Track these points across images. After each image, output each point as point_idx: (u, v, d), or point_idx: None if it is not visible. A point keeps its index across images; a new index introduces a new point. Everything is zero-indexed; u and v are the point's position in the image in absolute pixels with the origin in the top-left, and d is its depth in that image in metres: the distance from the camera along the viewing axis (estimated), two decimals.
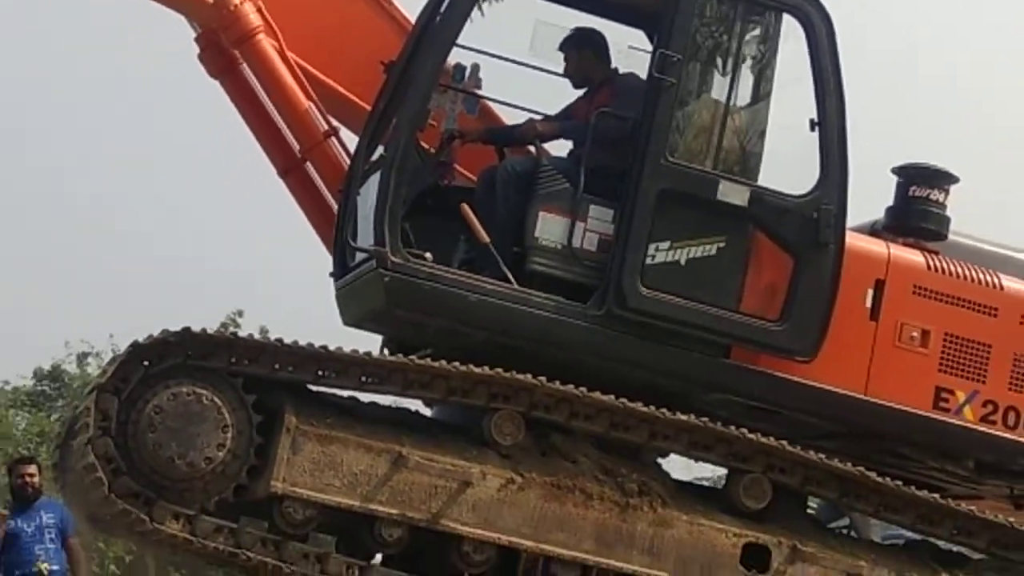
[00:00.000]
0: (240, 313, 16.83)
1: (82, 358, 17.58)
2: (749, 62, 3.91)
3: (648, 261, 3.69)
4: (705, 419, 3.65)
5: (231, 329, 4.41)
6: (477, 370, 3.60)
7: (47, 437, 4.62)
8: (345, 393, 3.83)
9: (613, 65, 4.22)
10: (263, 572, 3.84)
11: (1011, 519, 3.92)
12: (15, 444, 15.33)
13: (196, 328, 3.55)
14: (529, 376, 3.56)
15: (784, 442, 3.66)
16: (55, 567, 5.08)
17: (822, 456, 3.68)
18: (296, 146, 4.45)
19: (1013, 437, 3.87)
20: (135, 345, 3.53)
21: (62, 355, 18.10)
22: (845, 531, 4.38)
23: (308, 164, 4.50)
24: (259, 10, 4.17)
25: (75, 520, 4.77)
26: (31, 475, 5.35)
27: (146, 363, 3.54)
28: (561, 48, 4.12)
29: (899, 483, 3.77)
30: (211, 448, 3.45)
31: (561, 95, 4.09)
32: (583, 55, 4.15)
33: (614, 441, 3.70)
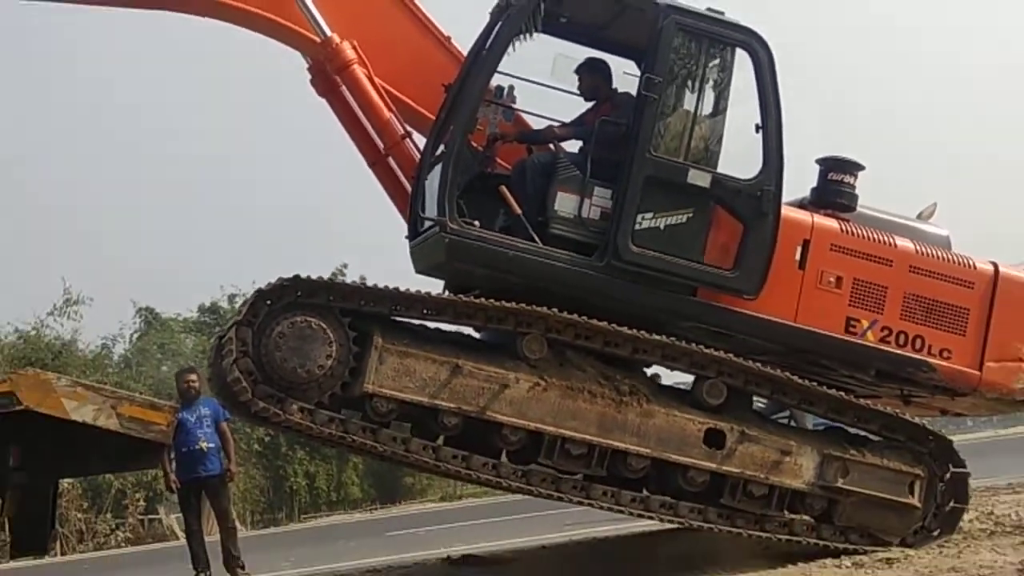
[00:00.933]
0: (345, 265, 20.32)
1: (232, 298, 22.50)
2: (711, 83, 4.92)
3: (636, 227, 4.72)
4: (674, 339, 4.71)
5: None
6: (507, 304, 4.63)
7: (207, 354, 5.79)
8: (416, 321, 4.85)
9: (613, 86, 5.20)
10: (363, 451, 5.08)
11: (898, 411, 5.07)
12: (184, 359, 19.85)
13: (303, 275, 4.61)
14: (544, 308, 4.57)
15: (732, 355, 4.72)
16: (211, 444, 6.42)
17: (759, 365, 4.75)
18: (381, 145, 5.41)
19: (902, 353, 4.93)
20: (259, 290, 4.63)
21: (218, 295, 23.84)
22: (786, 421, 5.40)
23: (390, 158, 5.45)
24: (354, 46, 5.18)
25: (224, 411, 6.16)
26: (193, 381, 6.71)
27: (268, 302, 4.60)
28: (576, 71, 5.15)
29: (815, 384, 4.82)
30: (322, 358, 4.47)
31: (573, 107, 5.13)
32: (592, 78, 5.18)
33: (609, 355, 4.74)
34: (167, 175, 49.76)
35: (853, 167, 5.06)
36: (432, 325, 4.88)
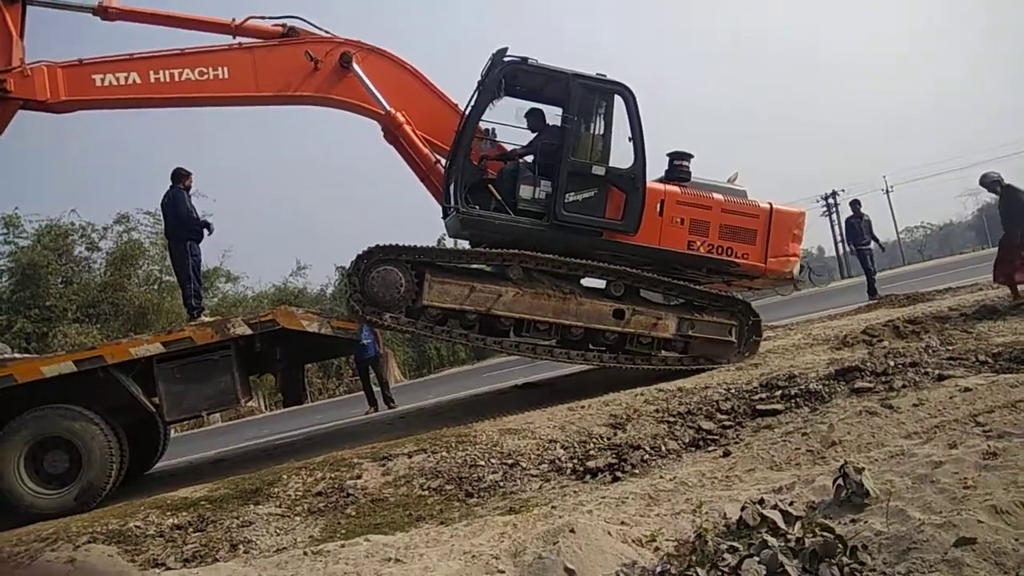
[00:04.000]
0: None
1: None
2: (602, 115, 7.76)
3: (566, 200, 7.57)
4: (592, 261, 7.68)
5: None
6: (498, 251, 7.52)
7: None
8: (448, 265, 7.73)
9: (548, 122, 8.02)
10: (429, 337, 8.12)
11: (721, 291, 8.14)
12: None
13: (381, 244, 7.56)
14: (519, 250, 7.47)
15: (625, 267, 7.65)
16: (368, 340, 10.95)
17: (637, 270, 7.70)
18: (424, 168, 8.20)
19: (720, 257, 7.89)
20: (359, 256, 7.47)
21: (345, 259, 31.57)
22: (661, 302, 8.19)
23: (431, 175, 8.25)
24: (403, 114, 7.95)
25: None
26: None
27: (365, 260, 7.46)
28: (525, 116, 8.07)
29: (669, 279, 7.80)
30: (398, 288, 7.37)
31: (526, 135, 8.21)
32: (534, 119, 8.05)
33: (557, 273, 7.57)
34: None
35: (687, 156, 8.15)
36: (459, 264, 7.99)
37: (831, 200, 45.77)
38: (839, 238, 40.64)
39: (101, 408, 6.81)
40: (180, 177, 8.30)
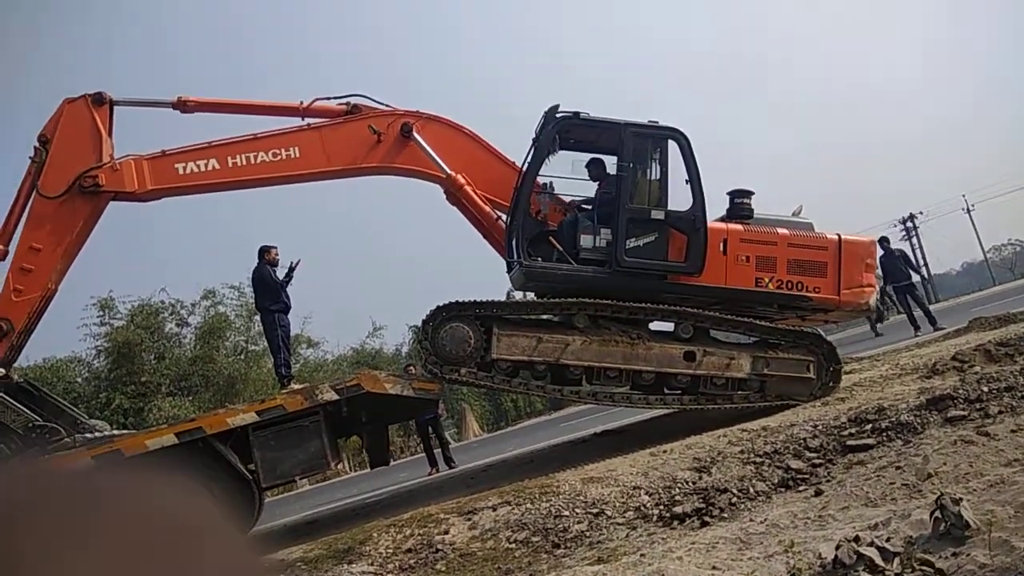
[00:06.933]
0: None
1: None
2: (657, 160, 7.92)
3: (627, 247, 7.69)
4: (661, 305, 7.77)
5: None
6: (560, 300, 7.62)
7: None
8: (515, 316, 7.90)
9: (608, 170, 8.27)
10: (502, 390, 8.26)
11: (795, 326, 8.06)
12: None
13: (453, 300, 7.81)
14: (583, 299, 7.58)
15: (692, 308, 7.67)
16: None
17: (706, 311, 7.71)
18: (486, 225, 8.50)
19: (791, 292, 7.81)
20: (424, 320, 7.71)
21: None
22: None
23: (492, 231, 8.53)
24: (463, 175, 8.28)
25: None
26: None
27: (431, 322, 7.63)
28: (586, 166, 8.31)
29: (740, 318, 7.75)
30: (468, 343, 7.55)
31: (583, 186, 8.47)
32: (597, 168, 8.32)
33: (623, 319, 7.66)
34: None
35: (747, 193, 8.16)
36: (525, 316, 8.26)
37: (910, 224, 43.68)
38: (922, 261, 38.74)
39: (201, 477, 7.18)
40: (265, 253, 8.84)
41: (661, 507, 5.57)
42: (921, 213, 42.74)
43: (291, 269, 8.84)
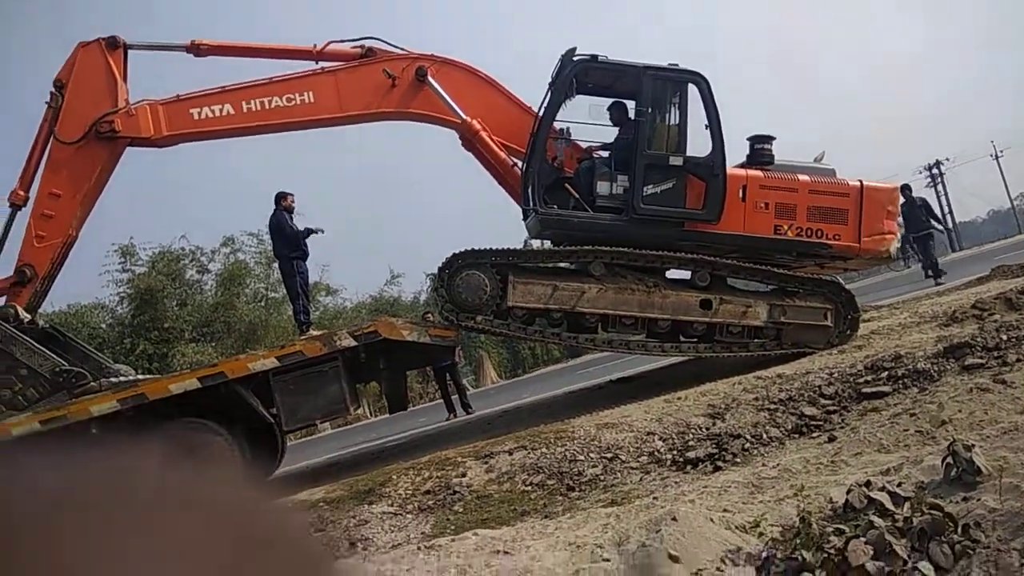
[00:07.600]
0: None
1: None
2: (676, 104, 7.77)
3: (644, 194, 7.62)
4: (677, 253, 7.70)
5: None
6: (576, 248, 7.59)
7: None
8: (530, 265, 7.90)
9: (630, 115, 7.99)
10: (518, 338, 8.31)
11: (813, 274, 7.97)
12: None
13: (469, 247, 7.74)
14: (600, 246, 7.51)
15: (709, 256, 7.58)
16: None
17: (723, 259, 7.64)
18: (502, 171, 8.39)
19: (810, 240, 7.70)
20: (440, 267, 7.67)
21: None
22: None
23: (509, 178, 8.39)
24: (479, 121, 8.13)
25: None
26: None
27: (447, 269, 7.59)
28: (608, 108, 8.09)
29: (758, 265, 7.66)
30: (483, 290, 7.54)
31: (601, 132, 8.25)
32: (619, 111, 8.12)
33: (639, 267, 7.62)
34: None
35: (768, 139, 7.98)
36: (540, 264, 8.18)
37: (935, 171, 42.41)
38: (947, 210, 37.82)
39: (224, 420, 7.39)
40: (281, 199, 8.85)
41: (674, 452, 5.67)
42: (948, 159, 41.53)
43: (309, 232, 8.87)
